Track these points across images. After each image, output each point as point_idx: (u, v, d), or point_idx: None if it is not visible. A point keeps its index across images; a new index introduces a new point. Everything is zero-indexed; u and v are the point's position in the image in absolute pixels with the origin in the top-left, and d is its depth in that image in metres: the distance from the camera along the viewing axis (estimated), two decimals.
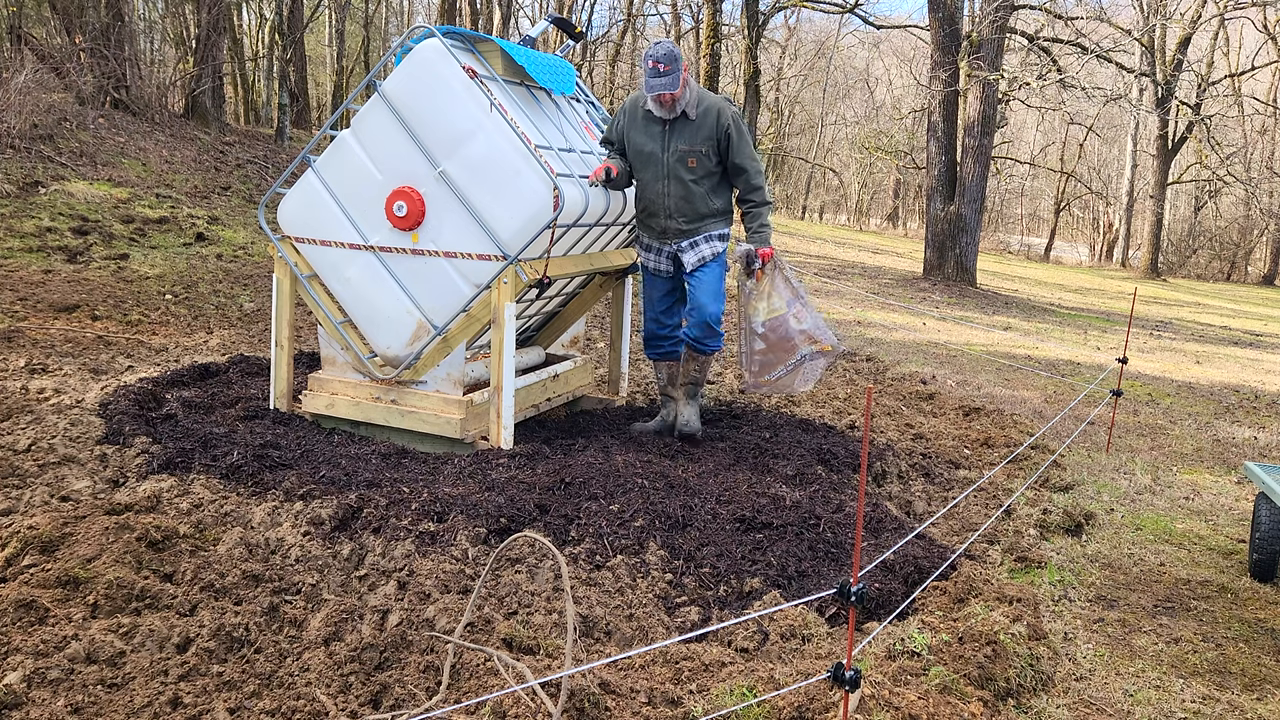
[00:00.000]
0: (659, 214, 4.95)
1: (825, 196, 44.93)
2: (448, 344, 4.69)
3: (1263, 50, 31.57)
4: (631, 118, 4.92)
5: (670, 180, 4.89)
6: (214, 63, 16.52)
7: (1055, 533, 4.51)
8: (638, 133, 4.89)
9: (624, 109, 4.96)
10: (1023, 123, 39.56)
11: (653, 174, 4.90)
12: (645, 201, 4.98)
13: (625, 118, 4.94)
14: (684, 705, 2.65)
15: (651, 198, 4.94)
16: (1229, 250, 32.64)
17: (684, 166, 4.86)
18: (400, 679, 2.68)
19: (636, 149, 4.89)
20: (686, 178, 4.88)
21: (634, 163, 4.93)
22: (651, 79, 4.65)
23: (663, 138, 4.86)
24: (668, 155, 4.86)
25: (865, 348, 9.42)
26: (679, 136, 4.83)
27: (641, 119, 4.90)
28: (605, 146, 5.10)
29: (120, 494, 3.80)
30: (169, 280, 8.84)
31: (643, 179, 4.94)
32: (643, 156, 4.88)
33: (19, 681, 2.50)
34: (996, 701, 2.86)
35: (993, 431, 6.07)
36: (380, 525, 3.64)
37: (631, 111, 4.92)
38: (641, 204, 5.01)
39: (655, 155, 4.86)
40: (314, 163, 4.87)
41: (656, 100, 4.72)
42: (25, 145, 11.12)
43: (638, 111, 4.90)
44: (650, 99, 4.73)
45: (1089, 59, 18.22)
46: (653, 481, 4.23)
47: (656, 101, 4.73)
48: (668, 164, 4.86)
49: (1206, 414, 7.82)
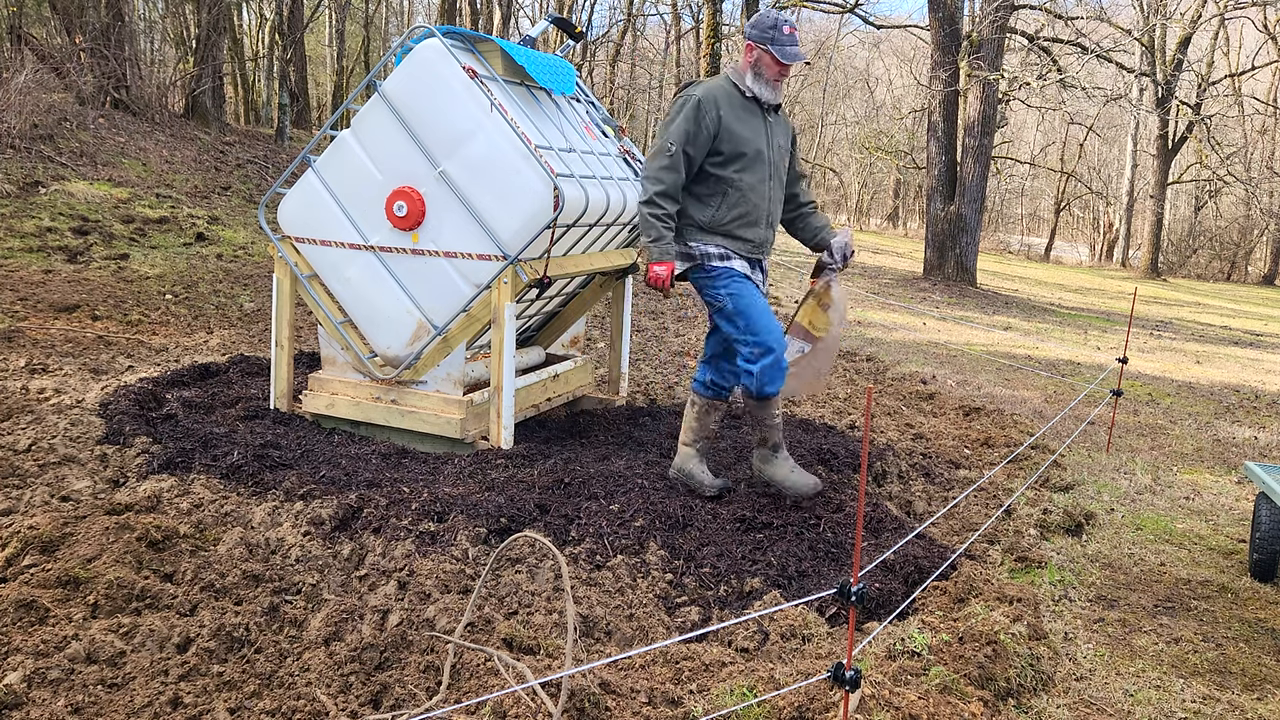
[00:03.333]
0: (760, 221, 4.17)
1: (825, 196, 44.93)
2: (448, 344, 4.69)
3: (1263, 50, 31.57)
4: (729, 107, 4.05)
5: (774, 181, 4.18)
6: (214, 63, 16.52)
7: (1055, 533, 4.51)
8: (740, 124, 4.05)
9: (710, 100, 4.01)
10: (1023, 123, 39.55)
11: (759, 174, 4.11)
12: (748, 206, 4.11)
13: (719, 108, 4.01)
14: (684, 705, 2.65)
15: (756, 201, 4.12)
16: (1229, 250, 32.63)
17: (784, 165, 4.23)
18: (400, 679, 2.68)
19: (738, 145, 4.04)
20: (784, 178, 4.27)
21: (731, 161, 4.06)
22: (790, 46, 3.99)
23: (765, 131, 4.14)
24: (771, 151, 4.14)
25: (865, 348, 9.42)
26: (776, 129, 4.19)
27: (741, 107, 4.08)
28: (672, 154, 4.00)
29: (120, 494, 3.80)
30: (169, 280, 8.84)
31: (745, 181, 4.09)
32: (748, 153, 4.06)
33: (19, 681, 2.50)
34: (996, 701, 2.86)
35: (993, 431, 6.07)
36: (380, 525, 3.64)
37: (726, 100, 4.05)
38: (739, 210, 4.10)
39: (762, 152, 4.10)
40: (314, 163, 4.87)
41: (780, 76, 4.06)
42: (25, 145, 11.12)
43: (733, 100, 4.07)
44: (764, 81, 4.06)
45: (1089, 59, 18.22)
46: (653, 481, 4.23)
47: (778, 79, 4.07)
48: (772, 161, 4.14)
49: (1207, 414, 7.82)
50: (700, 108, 3.98)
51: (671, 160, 4.00)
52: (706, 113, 3.99)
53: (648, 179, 4.06)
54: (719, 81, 4.12)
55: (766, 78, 4.08)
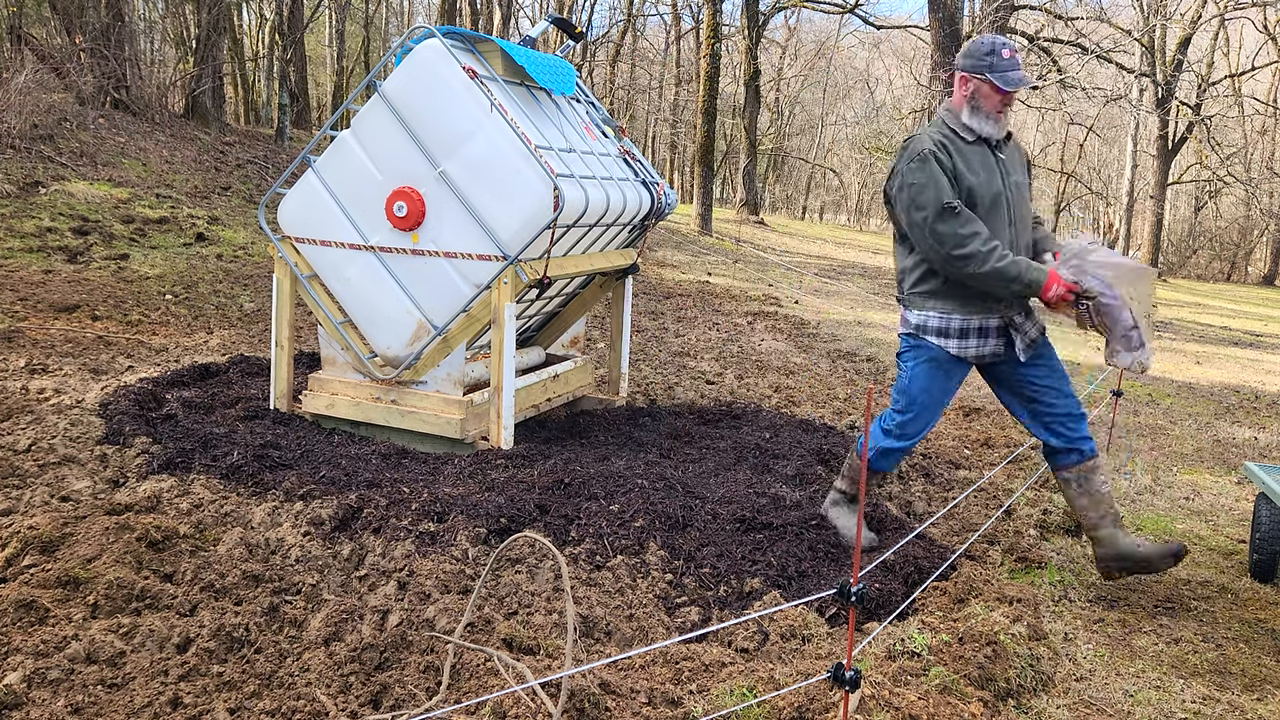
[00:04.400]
0: None
1: (825, 197, 44.94)
2: (448, 344, 4.69)
3: (1263, 50, 31.57)
4: (957, 153, 3.58)
5: (1017, 226, 3.67)
6: (214, 63, 16.53)
7: (1055, 533, 4.51)
8: (970, 170, 3.57)
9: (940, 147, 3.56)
10: (1023, 123, 39.55)
11: (1000, 219, 3.62)
12: None
13: (948, 155, 3.56)
14: (684, 705, 2.65)
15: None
16: (1229, 250, 32.65)
17: (1025, 202, 3.73)
18: (400, 679, 2.68)
19: (978, 191, 3.57)
20: (1028, 217, 3.75)
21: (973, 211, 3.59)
22: (1012, 71, 3.57)
23: (999, 169, 3.65)
24: (1009, 191, 3.66)
25: (865, 348, 9.42)
26: (1009, 161, 3.71)
27: (967, 150, 3.61)
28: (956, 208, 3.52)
29: (120, 494, 3.80)
30: (169, 280, 8.84)
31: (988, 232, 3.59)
32: (988, 198, 3.59)
33: (19, 681, 2.50)
34: (996, 702, 2.86)
35: (993, 431, 6.07)
36: (380, 525, 3.64)
37: (952, 146, 3.59)
38: None
39: (1000, 193, 3.62)
40: (314, 163, 4.87)
41: (1003, 107, 3.63)
42: (25, 145, 11.12)
43: (956, 144, 3.61)
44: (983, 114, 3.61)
45: (1089, 59, 18.23)
46: (653, 482, 4.23)
47: (1000, 110, 3.63)
48: (1011, 202, 3.65)
49: (1206, 414, 7.82)
50: (937, 159, 3.55)
51: (961, 215, 3.50)
52: (944, 164, 3.55)
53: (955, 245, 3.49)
54: (937, 128, 3.66)
55: (986, 110, 3.61)
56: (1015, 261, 3.51)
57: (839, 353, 8.88)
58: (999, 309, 3.67)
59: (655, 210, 5.51)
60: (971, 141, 3.62)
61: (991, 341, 3.72)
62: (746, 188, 26.41)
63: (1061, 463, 3.81)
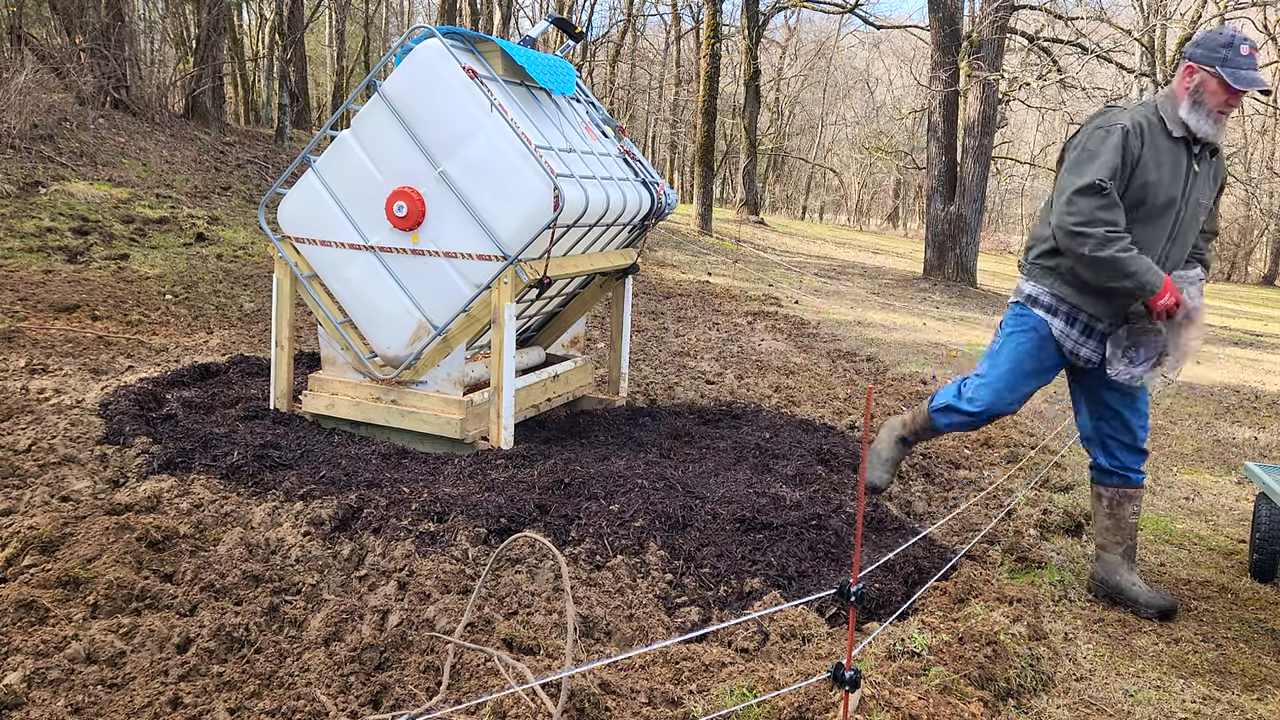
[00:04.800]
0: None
1: (825, 196, 44.94)
2: (448, 344, 4.69)
3: (1263, 50, 31.58)
4: (1151, 145, 3.36)
5: (1176, 243, 3.48)
6: (214, 63, 16.53)
7: (1055, 533, 4.51)
8: (1156, 168, 3.36)
9: (1136, 131, 3.34)
10: (1023, 123, 39.55)
11: (1159, 230, 3.42)
12: None
13: (1140, 140, 3.34)
14: (684, 705, 2.65)
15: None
16: (1229, 250, 32.65)
17: (1196, 225, 3.54)
18: (400, 679, 2.68)
19: (1146, 192, 3.37)
20: (1189, 243, 3.53)
21: (1131, 209, 3.38)
22: (1247, 70, 3.29)
23: (1186, 179, 3.41)
24: (1185, 206, 3.43)
25: (865, 348, 9.42)
26: (1201, 180, 3.46)
27: (1164, 148, 3.38)
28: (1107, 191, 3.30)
29: (120, 494, 3.80)
30: (169, 280, 8.85)
31: (1136, 236, 3.38)
32: (1154, 205, 3.38)
33: (19, 682, 2.50)
34: (996, 702, 2.86)
35: (993, 431, 6.07)
36: (380, 525, 3.64)
37: (1149, 135, 3.36)
38: None
39: (1174, 203, 3.39)
40: (314, 163, 4.87)
41: (1227, 108, 3.36)
42: (25, 145, 11.12)
43: (1157, 136, 3.37)
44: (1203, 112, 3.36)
45: (1089, 59, 18.23)
46: (653, 482, 4.22)
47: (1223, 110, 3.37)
48: (1182, 218, 3.44)
49: (1206, 414, 7.82)
50: (1127, 140, 3.32)
51: (1108, 199, 3.30)
52: (1131, 148, 3.32)
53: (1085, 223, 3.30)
54: (1145, 110, 3.43)
55: (1208, 108, 3.36)
56: (1138, 258, 3.29)
57: (839, 353, 8.88)
58: (1110, 315, 3.51)
59: (655, 210, 5.51)
60: (1174, 138, 3.39)
61: (1091, 344, 3.60)
62: (746, 188, 26.43)
63: (1103, 480, 3.78)
